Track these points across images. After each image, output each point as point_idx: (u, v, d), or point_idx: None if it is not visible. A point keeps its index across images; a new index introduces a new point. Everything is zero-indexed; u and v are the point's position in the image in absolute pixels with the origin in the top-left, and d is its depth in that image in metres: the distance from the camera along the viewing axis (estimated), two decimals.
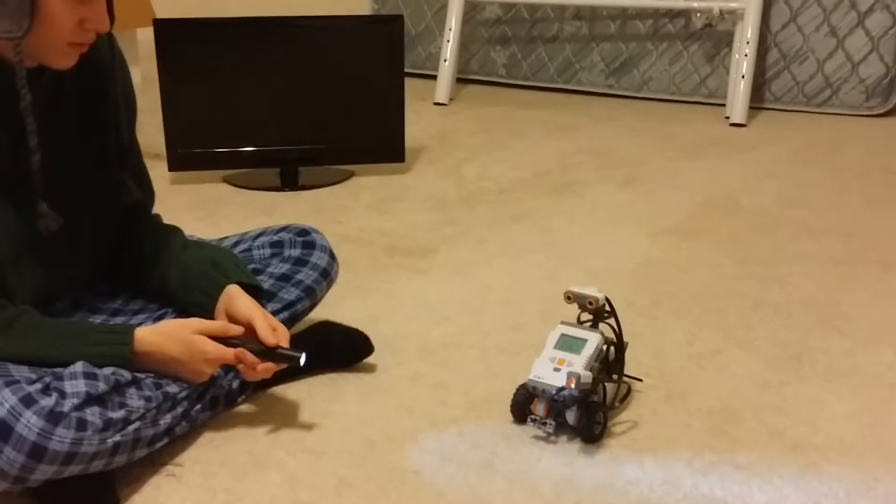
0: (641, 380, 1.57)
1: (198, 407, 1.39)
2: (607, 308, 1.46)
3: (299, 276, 1.56)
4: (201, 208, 2.47)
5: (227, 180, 2.70)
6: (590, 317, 1.48)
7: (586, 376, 1.38)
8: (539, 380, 1.39)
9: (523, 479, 1.32)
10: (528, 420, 1.42)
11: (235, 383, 1.46)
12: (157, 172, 1.54)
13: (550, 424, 1.40)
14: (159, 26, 2.50)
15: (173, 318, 1.43)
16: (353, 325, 1.66)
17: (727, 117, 3.38)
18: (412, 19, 4.04)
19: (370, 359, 1.64)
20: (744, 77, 3.33)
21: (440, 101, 3.65)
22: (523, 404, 1.43)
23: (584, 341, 1.42)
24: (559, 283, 1.98)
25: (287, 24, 2.59)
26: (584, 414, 1.39)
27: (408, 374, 1.61)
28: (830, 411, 1.50)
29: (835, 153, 3.00)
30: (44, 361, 1.23)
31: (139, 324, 1.40)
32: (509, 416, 1.46)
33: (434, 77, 3.73)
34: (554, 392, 1.37)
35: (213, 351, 1.33)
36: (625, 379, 1.50)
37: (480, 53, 3.97)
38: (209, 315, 1.40)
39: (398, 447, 1.40)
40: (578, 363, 1.39)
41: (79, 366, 1.22)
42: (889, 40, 3.35)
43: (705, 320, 1.82)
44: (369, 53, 2.63)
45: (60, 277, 1.37)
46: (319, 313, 1.64)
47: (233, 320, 1.38)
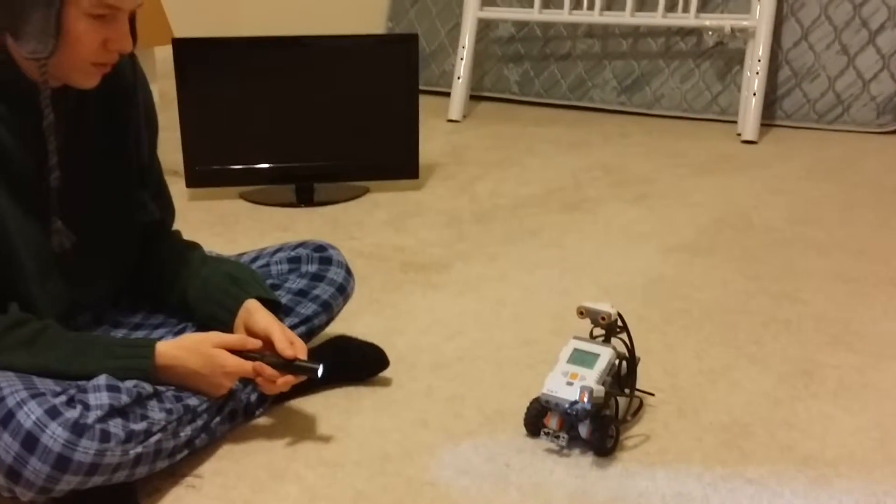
0: (653, 394, 1.59)
1: (217, 420, 1.41)
2: (619, 323, 1.48)
3: (316, 292, 1.59)
4: (219, 224, 2.51)
5: (243, 197, 2.73)
6: (602, 332, 1.50)
7: (599, 390, 1.40)
8: (552, 393, 1.41)
9: (537, 492, 1.34)
10: (542, 433, 1.44)
11: (254, 396, 1.49)
12: (175, 189, 1.57)
13: (563, 438, 1.42)
14: (178, 45, 2.55)
15: (193, 332, 1.46)
16: (369, 340, 1.68)
17: (739, 134, 3.40)
18: (426, 37, 4.08)
19: (385, 373, 1.66)
20: (755, 94, 3.35)
21: (454, 119, 3.69)
22: (537, 418, 1.45)
23: (597, 356, 1.44)
24: (572, 299, 2.00)
25: (303, 44, 2.64)
26: (596, 427, 1.41)
27: (422, 387, 1.63)
28: (840, 426, 1.52)
29: (846, 170, 3.01)
30: (67, 374, 1.26)
31: (160, 338, 1.43)
32: (523, 430, 1.48)
33: (448, 94, 3.77)
34: (567, 406, 1.39)
35: (233, 364, 1.36)
36: (637, 393, 1.52)
37: (493, 71, 4.01)
38: (228, 329, 1.43)
39: (414, 460, 1.42)
40: (591, 377, 1.41)
41: (102, 378, 1.25)
42: None
43: (717, 336, 1.84)
44: (384, 72, 2.67)
45: (82, 293, 1.40)
46: (335, 328, 1.66)
47: (251, 334, 1.41)
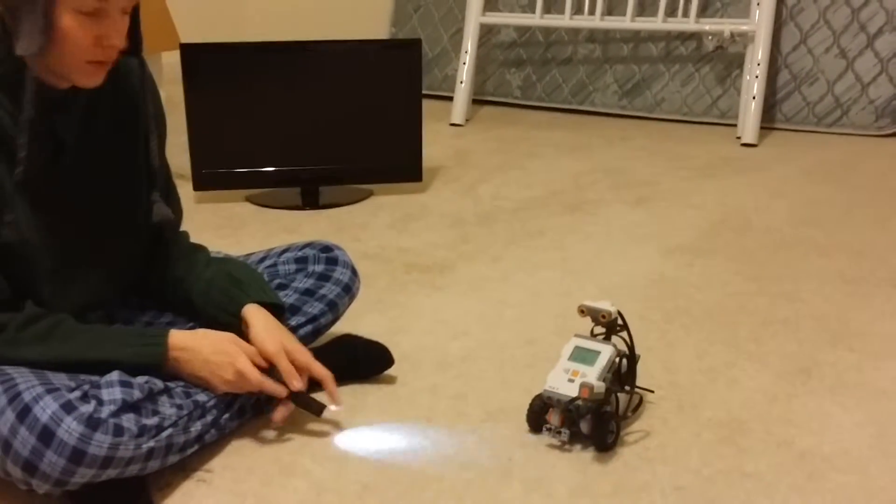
0: (653, 391, 1.62)
1: (226, 416, 1.44)
2: (620, 321, 1.51)
3: (323, 291, 1.62)
4: (226, 227, 2.54)
5: (249, 199, 2.77)
6: (603, 330, 1.53)
7: (599, 387, 1.43)
8: (554, 390, 1.44)
9: (539, 486, 1.37)
10: (544, 429, 1.47)
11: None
12: (182, 192, 1.60)
13: (565, 433, 1.45)
14: (186, 51, 2.58)
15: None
16: (374, 339, 1.71)
17: (738, 137, 3.43)
18: (429, 42, 4.12)
19: (390, 371, 1.69)
20: (755, 98, 3.38)
21: (456, 122, 3.72)
22: (539, 414, 1.48)
23: (598, 353, 1.47)
24: (573, 299, 2.03)
25: (308, 49, 2.67)
26: (597, 423, 1.44)
27: (427, 385, 1.67)
28: (837, 423, 1.55)
29: (845, 173, 3.04)
30: (83, 363, 1.30)
31: None
32: (525, 426, 1.51)
33: (450, 98, 3.80)
34: (568, 402, 1.42)
35: (244, 364, 1.39)
36: (637, 390, 1.55)
37: (496, 75, 4.04)
38: (234, 331, 1.46)
39: (418, 455, 1.45)
40: (592, 374, 1.44)
41: (115, 374, 1.29)
42: None
43: (716, 335, 1.87)
44: (388, 76, 2.70)
45: (93, 291, 1.43)
46: (341, 327, 1.69)
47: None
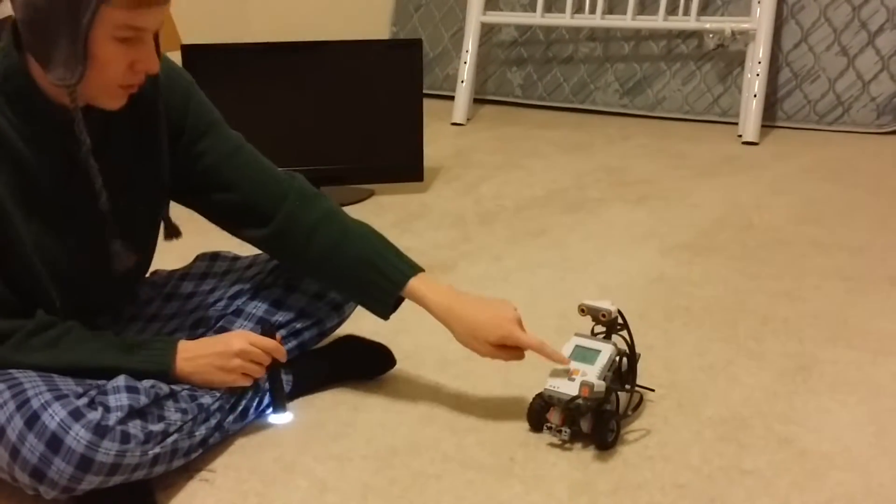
0: (654, 390, 1.62)
1: (230, 419, 1.45)
2: (620, 320, 1.52)
3: (331, 295, 1.62)
4: None
5: None
6: (603, 329, 1.54)
7: (600, 386, 1.43)
8: (554, 389, 1.45)
9: (539, 484, 1.38)
10: (544, 428, 1.47)
11: (266, 398, 1.53)
12: None
13: (566, 432, 1.46)
14: (187, 52, 2.59)
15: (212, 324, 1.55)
16: (376, 339, 1.72)
17: (740, 136, 3.43)
18: (430, 42, 4.13)
19: (392, 371, 1.70)
20: (756, 96, 3.39)
21: (458, 122, 3.73)
22: (539, 413, 1.49)
23: (598, 352, 1.48)
24: (574, 299, 2.02)
25: (309, 49, 2.68)
26: (598, 422, 1.45)
27: (428, 385, 1.67)
28: (837, 420, 1.55)
29: (846, 170, 3.05)
30: (90, 370, 1.31)
31: (174, 329, 1.54)
32: (526, 425, 1.52)
33: (452, 98, 3.81)
34: (569, 400, 1.43)
35: (238, 342, 1.42)
36: (637, 389, 1.56)
37: (497, 74, 4.04)
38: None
39: (420, 454, 1.46)
40: (592, 373, 1.45)
41: (121, 380, 1.30)
42: None
43: (716, 333, 1.88)
44: (389, 76, 2.71)
45: (103, 300, 1.46)
46: (344, 328, 1.70)
47: None
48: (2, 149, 1.25)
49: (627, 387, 1.53)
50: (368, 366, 1.69)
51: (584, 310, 1.52)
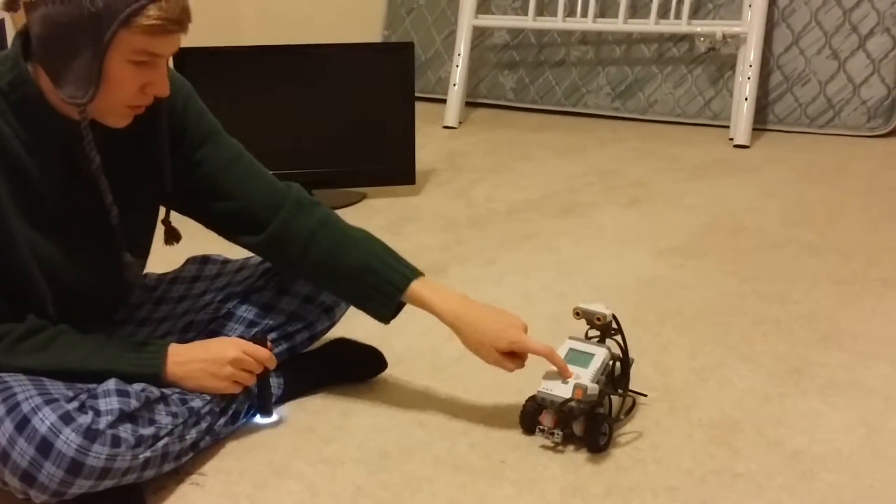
0: (646, 395, 1.62)
1: (221, 422, 1.45)
2: (614, 325, 1.52)
3: (322, 298, 1.62)
4: None
5: None
6: (597, 332, 1.53)
7: (593, 388, 1.43)
8: (548, 391, 1.45)
9: (531, 487, 1.38)
10: (537, 430, 1.47)
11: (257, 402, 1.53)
12: None
13: (558, 435, 1.46)
14: (179, 55, 2.57)
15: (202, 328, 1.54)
16: (368, 342, 1.72)
17: (731, 139, 3.44)
18: (422, 45, 4.13)
19: (384, 374, 1.70)
20: (747, 99, 3.39)
21: (450, 125, 3.73)
22: (532, 415, 1.49)
23: (592, 356, 1.48)
24: (567, 301, 2.04)
25: (301, 52, 2.68)
26: (590, 425, 1.45)
27: (420, 388, 1.67)
28: (828, 422, 1.56)
29: (837, 173, 3.05)
30: (81, 373, 1.31)
31: (166, 333, 1.53)
32: (518, 427, 1.52)
33: (443, 101, 3.81)
34: (561, 403, 1.42)
35: (233, 351, 1.41)
36: (629, 394, 1.56)
37: (489, 78, 4.05)
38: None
39: (412, 457, 1.45)
40: (586, 376, 1.45)
41: (111, 383, 1.29)
42: (889, 62, 3.42)
43: (708, 336, 1.88)
44: (381, 79, 2.71)
45: (98, 309, 1.46)
46: (335, 331, 1.70)
47: None
48: (3, 155, 1.25)
49: (620, 391, 1.53)
50: (360, 369, 1.69)
51: (578, 313, 1.52)
